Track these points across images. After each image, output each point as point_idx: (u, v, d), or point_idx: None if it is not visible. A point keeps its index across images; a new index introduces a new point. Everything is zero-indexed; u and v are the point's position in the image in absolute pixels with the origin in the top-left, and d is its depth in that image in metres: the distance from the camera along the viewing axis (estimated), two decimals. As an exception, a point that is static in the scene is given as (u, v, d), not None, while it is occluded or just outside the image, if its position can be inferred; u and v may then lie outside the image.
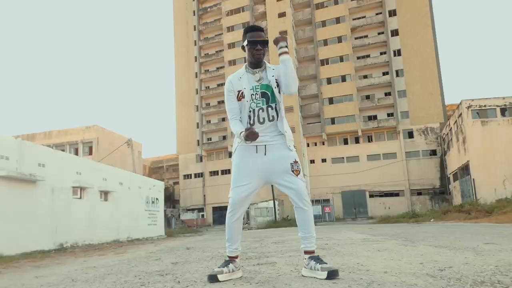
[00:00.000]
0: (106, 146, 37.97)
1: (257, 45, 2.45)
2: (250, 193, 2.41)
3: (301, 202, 2.34)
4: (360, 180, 39.94)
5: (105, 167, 11.07)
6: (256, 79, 2.48)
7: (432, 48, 40.11)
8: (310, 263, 2.31)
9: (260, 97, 2.46)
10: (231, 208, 2.42)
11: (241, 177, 2.40)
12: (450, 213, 17.06)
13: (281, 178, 2.37)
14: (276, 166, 2.37)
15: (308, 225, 2.37)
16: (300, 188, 2.35)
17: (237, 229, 2.45)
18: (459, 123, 28.04)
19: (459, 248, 3.78)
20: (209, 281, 2.31)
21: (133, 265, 3.87)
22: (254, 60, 2.50)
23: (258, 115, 2.45)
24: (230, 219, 2.43)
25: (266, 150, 2.40)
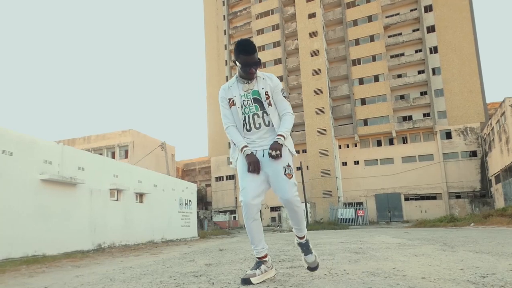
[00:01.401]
0: (141, 149, 39.11)
1: (251, 68, 2.48)
2: (258, 194, 2.45)
3: (291, 205, 2.47)
4: (395, 183, 38.85)
5: (140, 170, 11.37)
6: (245, 89, 2.55)
7: (471, 43, 38.35)
8: (299, 249, 2.66)
9: (252, 103, 2.54)
10: (245, 210, 2.46)
11: (246, 179, 2.47)
12: (491, 217, 16.19)
13: (274, 181, 2.46)
14: (271, 169, 2.46)
15: (298, 220, 2.57)
16: (289, 195, 2.43)
17: (257, 230, 2.51)
18: (502, 122, 26.65)
19: (502, 254, 3.60)
20: (242, 285, 2.34)
21: (168, 265, 3.95)
22: (247, 78, 2.56)
23: (253, 120, 2.54)
24: (247, 222, 2.48)
25: (264, 153, 2.50)
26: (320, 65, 42.19)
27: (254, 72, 2.51)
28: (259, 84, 2.55)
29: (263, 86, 2.54)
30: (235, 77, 2.63)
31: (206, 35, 52.39)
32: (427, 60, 39.63)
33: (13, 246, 5.95)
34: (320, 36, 42.83)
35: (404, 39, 41.19)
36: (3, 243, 5.80)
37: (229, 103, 2.58)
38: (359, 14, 43.15)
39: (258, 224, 2.51)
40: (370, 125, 40.83)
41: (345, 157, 42.07)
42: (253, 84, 2.56)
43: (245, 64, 2.47)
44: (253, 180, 2.46)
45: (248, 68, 2.48)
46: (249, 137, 2.55)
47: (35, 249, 6.31)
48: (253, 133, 2.53)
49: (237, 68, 2.57)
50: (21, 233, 6.18)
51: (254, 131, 2.54)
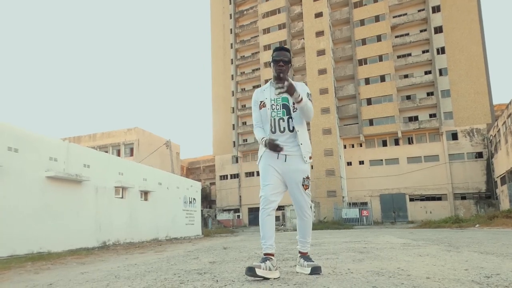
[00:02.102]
0: (146, 147, 39.30)
1: (280, 62, 2.72)
2: (278, 192, 2.68)
3: (302, 214, 2.75)
4: (400, 183, 38.67)
5: (145, 168, 11.42)
6: (276, 93, 2.73)
7: (479, 44, 38.03)
8: (300, 260, 2.73)
9: (281, 108, 2.74)
10: (263, 204, 2.64)
11: (267, 177, 2.67)
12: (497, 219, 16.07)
13: (292, 188, 2.70)
14: (291, 176, 2.67)
15: (305, 232, 2.78)
16: (304, 202, 2.71)
17: (270, 226, 2.63)
18: (508, 123, 26.43)
19: (507, 255, 3.58)
20: (247, 273, 2.43)
21: (172, 263, 3.97)
22: (276, 74, 2.73)
23: (278, 124, 2.72)
24: (263, 216, 2.63)
25: (286, 159, 2.67)
26: (326, 64, 42.07)
27: (282, 66, 2.70)
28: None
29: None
30: (270, 82, 2.86)
31: (213, 34, 52.45)
32: (434, 61, 39.37)
33: (18, 243, 5.99)
34: (326, 36, 42.69)
35: (411, 39, 40.93)
36: (9, 240, 5.85)
37: (260, 105, 2.79)
38: (367, 14, 42.94)
39: (272, 220, 2.64)
40: (375, 125, 40.65)
41: (350, 157, 41.95)
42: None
43: (276, 60, 2.73)
44: (274, 179, 2.66)
45: (277, 61, 2.71)
46: (273, 138, 2.69)
47: (40, 246, 6.36)
48: (277, 136, 2.70)
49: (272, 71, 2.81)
50: (26, 230, 6.23)
51: (279, 134, 2.71)
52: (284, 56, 2.72)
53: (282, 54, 2.74)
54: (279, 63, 2.71)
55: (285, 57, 2.73)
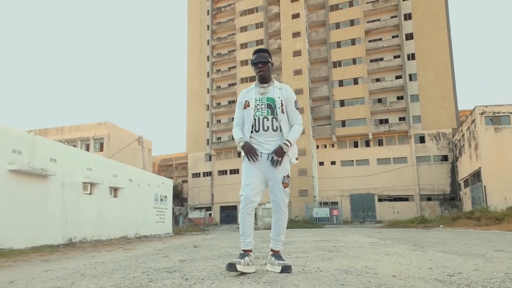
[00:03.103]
0: (116, 142, 38.33)
1: (258, 64, 2.83)
2: (259, 191, 2.73)
3: (279, 211, 2.75)
4: (369, 184, 39.66)
5: (116, 164, 11.15)
6: (261, 93, 2.83)
7: (446, 52, 39.59)
8: (271, 259, 2.72)
9: (266, 107, 2.79)
10: (243, 204, 2.70)
11: (249, 176, 2.72)
12: (460, 220, 16.79)
13: (273, 185, 2.72)
14: (274, 174, 2.71)
15: (280, 230, 2.79)
16: (282, 200, 2.73)
17: (249, 224, 2.72)
18: (472, 129, 27.65)
19: (468, 254, 3.74)
20: (227, 269, 2.49)
21: (141, 261, 3.90)
22: (258, 77, 2.87)
23: (262, 123, 2.76)
24: (243, 215, 2.71)
25: (269, 157, 2.71)
26: (301, 65, 42.52)
27: (262, 67, 2.83)
28: (275, 93, 2.83)
29: (279, 95, 2.81)
30: (255, 83, 2.94)
31: (189, 29, 51.85)
32: (405, 66, 40.64)
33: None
34: (303, 37, 43.15)
35: (383, 44, 42.08)
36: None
37: (245, 105, 2.85)
38: (342, 18, 43.74)
39: (252, 219, 2.74)
40: (348, 127, 41.52)
41: (322, 157, 42.62)
42: (270, 91, 2.84)
43: (255, 62, 2.85)
44: (256, 179, 2.70)
45: (256, 64, 2.83)
46: (257, 137, 2.77)
47: (1, 242, 6.07)
48: (261, 135, 2.76)
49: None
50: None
51: (262, 133, 2.76)
52: (262, 58, 2.83)
53: (260, 56, 2.84)
54: (258, 65, 2.83)
55: (263, 58, 2.83)
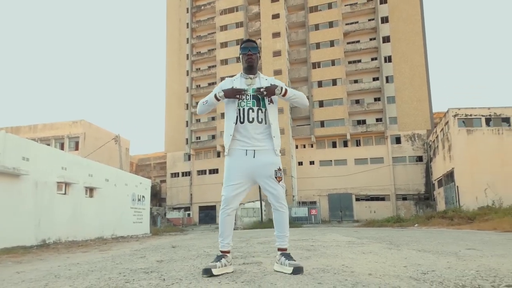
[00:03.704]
0: (93, 141, 37.47)
1: (248, 50, 2.75)
2: (240, 192, 2.65)
3: (279, 204, 2.64)
4: (347, 184, 40.26)
5: (91, 163, 10.91)
6: (247, 84, 2.74)
7: (422, 55, 40.67)
8: (281, 259, 2.57)
9: (251, 98, 2.70)
10: (224, 204, 2.64)
11: (232, 177, 2.63)
12: (433, 219, 17.27)
13: (265, 182, 2.64)
14: (263, 170, 2.63)
15: (284, 225, 2.66)
16: (280, 193, 2.64)
17: (229, 225, 2.67)
18: (446, 131, 28.49)
19: (442, 252, 3.85)
20: (203, 275, 2.44)
21: (117, 262, 3.83)
22: (246, 65, 2.78)
23: (248, 114, 2.67)
24: (223, 215, 2.65)
25: (255, 154, 2.62)
26: (281, 65, 42.74)
27: (252, 55, 2.74)
28: (262, 83, 2.75)
29: (266, 85, 2.72)
30: (240, 73, 2.83)
31: (168, 27, 51.22)
32: (382, 69, 41.51)
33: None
34: (282, 37, 43.38)
35: (361, 46, 42.84)
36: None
37: None
38: (321, 19, 44.24)
39: (232, 220, 2.68)
40: (326, 127, 42.04)
41: (301, 157, 42.98)
42: (257, 82, 2.76)
43: (245, 48, 2.75)
44: (239, 178, 2.62)
45: (246, 52, 2.74)
46: (241, 130, 2.66)
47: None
48: (245, 126, 2.65)
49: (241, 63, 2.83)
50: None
51: (247, 124, 2.65)
52: (251, 46, 2.76)
53: (249, 45, 2.77)
54: (247, 53, 2.74)
55: (252, 46, 2.76)
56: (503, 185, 23.41)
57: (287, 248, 2.64)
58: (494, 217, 13.35)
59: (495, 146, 25.42)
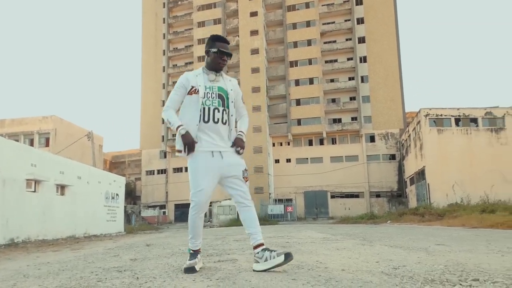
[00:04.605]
0: (64, 138, 36.37)
1: (224, 55, 2.64)
2: (209, 196, 2.59)
3: (247, 201, 2.61)
4: (323, 181, 40.82)
5: (63, 160, 10.59)
6: (211, 79, 2.64)
7: (395, 56, 41.68)
8: (264, 254, 2.46)
9: (216, 97, 2.62)
10: (196, 210, 2.58)
11: (202, 181, 2.53)
12: (406, 216, 17.79)
13: (232, 182, 2.60)
14: (231, 171, 2.59)
15: (254, 221, 2.60)
16: (247, 190, 2.64)
17: (200, 226, 2.66)
18: (417, 130, 29.32)
19: (412, 248, 3.96)
20: (187, 272, 2.47)
21: (89, 261, 3.74)
22: (217, 68, 2.67)
23: (213, 114, 2.59)
24: (195, 219, 2.61)
25: (222, 155, 2.58)
26: (259, 63, 42.79)
27: (226, 61, 2.66)
28: (227, 84, 2.69)
29: (231, 88, 2.70)
30: (202, 68, 2.71)
31: (144, 22, 50.24)
32: (357, 68, 42.28)
33: None
34: (260, 35, 43.41)
35: (338, 46, 43.48)
36: None
37: (191, 91, 2.61)
38: (299, 18, 44.55)
39: (202, 221, 2.67)
40: (303, 125, 42.46)
41: (278, 155, 43.24)
42: (221, 81, 2.68)
43: (221, 52, 2.61)
44: (208, 182, 2.53)
45: (222, 56, 2.62)
46: (206, 130, 2.58)
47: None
48: (210, 126, 2.58)
49: (206, 59, 2.70)
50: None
51: (212, 124, 2.58)
52: (227, 50, 2.65)
53: (225, 48, 2.65)
54: (223, 57, 2.64)
55: (228, 50, 2.66)
56: (471, 183, 24.35)
57: (264, 243, 2.57)
58: (463, 214, 13.89)
59: (464, 145, 26.41)
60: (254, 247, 2.54)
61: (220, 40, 2.67)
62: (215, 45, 2.63)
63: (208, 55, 2.67)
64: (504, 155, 25.69)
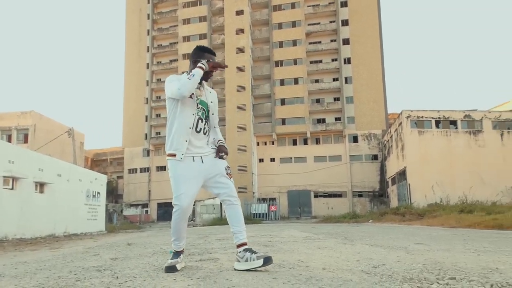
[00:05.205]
0: (44, 134, 35.50)
1: (215, 69, 2.64)
2: (192, 199, 2.58)
3: (234, 198, 2.61)
4: (306, 181, 41.07)
5: (42, 157, 10.37)
6: (197, 94, 2.65)
7: (378, 59, 42.29)
8: (245, 255, 2.47)
9: (201, 108, 2.67)
10: (179, 214, 2.56)
11: (185, 185, 2.53)
12: (387, 215, 18.08)
13: (216, 181, 2.62)
14: (213, 171, 2.60)
15: (240, 219, 2.60)
16: (232, 187, 2.65)
17: (184, 229, 2.67)
18: (399, 131, 29.82)
19: (392, 247, 4.03)
20: (168, 272, 2.47)
21: (68, 260, 3.67)
22: (205, 79, 2.66)
23: (197, 124, 2.62)
24: (180, 223, 2.60)
25: (203, 159, 2.60)
26: (244, 62, 42.74)
27: (212, 75, 2.71)
28: (208, 97, 2.73)
29: (211, 100, 2.75)
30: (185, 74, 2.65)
31: (128, 17, 49.46)
32: (341, 70, 42.72)
33: None
34: (246, 34, 43.36)
35: (323, 47, 43.83)
36: None
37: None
38: (284, 18, 44.70)
39: (186, 223, 2.67)
40: (287, 125, 42.65)
41: (262, 154, 43.31)
42: (203, 94, 2.70)
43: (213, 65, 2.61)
44: (190, 185, 2.53)
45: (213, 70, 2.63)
46: (190, 137, 2.57)
47: None
48: (193, 134, 2.59)
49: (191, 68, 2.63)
50: None
51: (194, 133, 2.60)
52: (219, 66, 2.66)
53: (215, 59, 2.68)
54: (212, 72, 2.65)
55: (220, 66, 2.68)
56: (450, 184, 24.90)
57: (247, 242, 2.56)
58: (442, 214, 14.20)
59: (443, 147, 26.99)
60: (237, 246, 2.55)
61: (209, 51, 2.68)
62: (204, 55, 2.63)
63: (193, 64, 2.65)
64: (481, 157, 26.37)
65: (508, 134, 27.09)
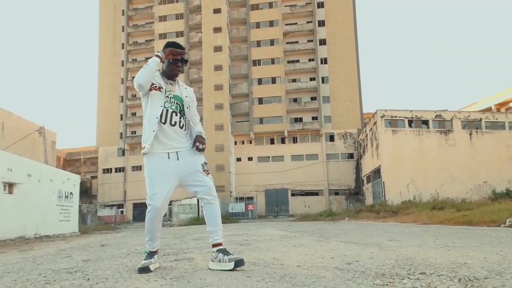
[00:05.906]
0: (12, 132, 34.19)
1: (179, 62, 2.63)
2: (166, 198, 2.52)
3: (211, 197, 2.55)
4: (284, 179, 41.34)
5: (11, 156, 9.98)
6: (168, 90, 2.62)
7: (354, 59, 43.05)
8: (218, 255, 2.45)
9: (175, 102, 2.62)
10: (153, 214, 2.51)
11: (158, 185, 2.48)
12: (362, 213, 18.45)
13: (194, 179, 2.56)
14: (189, 168, 2.55)
15: (216, 218, 2.55)
16: (211, 185, 2.57)
17: (158, 229, 2.63)
18: (374, 130, 30.45)
19: (366, 244, 4.11)
20: (141, 273, 2.40)
21: (38, 262, 3.55)
22: (172, 75, 2.66)
23: (171, 116, 2.57)
24: (153, 223, 2.56)
25: (178, 156, 2.54)
26: (222, 61, 42.56)
27: (181, 67, 2.64)
28: (182, 92, 2.69)
29: (186, 95, 2.70)
30: (159, 75, 2.66)
31: (101, 13, 48.25)
32: (318, 69, 43.22)
33: None
34: (224, 33, 43.18)
35: (300, 47, 44.21)
36: None
37: (151, 87, 2.57)
38: (262, 18, 44.81)
39: (160, 224, 2.63)
40: (265, 124, 42.81)
41: (240, 153, 43.28)
42: (177, 90, 2.67)
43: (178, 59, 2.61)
44: (165, 184, 2.48)
45: (177, 62, 2.60)
46: (162, 130, 2.54)
47: None
48: (167, 128, 2.55)
49: (161, 66, 2.64)
50: None
51: (168, 126, 2.55)
52: (184, 56, 2.64)
53: (182, 54, 2.62)
54: (177, 64, 2.62)
55: (186, 59, 2.68)
56: (422, 182, 25.65)
57: (222, 243, 2.54)
58: (415, 211, 14.62)
59: (416, 146, 27.76)
60: (212, 245, 2.54)
61: (174, 46, 2.61)
62: (170, 52, 2.60)
63: (163, 63, 2.63)
64: (452, 155, 27.29)
65: (476, 133, 28.12)
